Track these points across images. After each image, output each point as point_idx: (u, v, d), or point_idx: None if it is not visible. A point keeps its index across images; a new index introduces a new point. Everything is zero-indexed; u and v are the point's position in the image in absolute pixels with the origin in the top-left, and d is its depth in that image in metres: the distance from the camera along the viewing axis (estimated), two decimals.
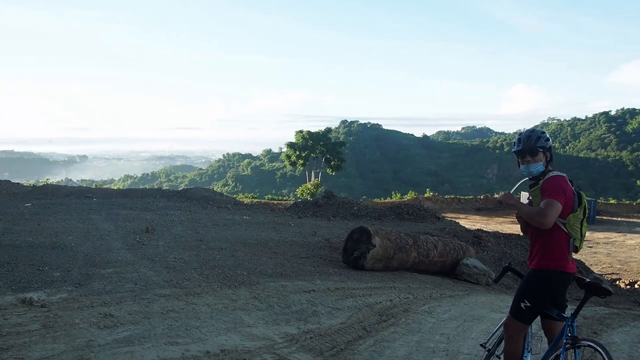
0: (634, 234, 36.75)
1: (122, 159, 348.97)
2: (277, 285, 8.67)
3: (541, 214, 4.08)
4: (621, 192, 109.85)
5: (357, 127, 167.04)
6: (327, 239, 14.54)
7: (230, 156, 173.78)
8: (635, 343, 7.92)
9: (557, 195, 4.15)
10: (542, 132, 4.48)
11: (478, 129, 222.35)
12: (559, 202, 4.13)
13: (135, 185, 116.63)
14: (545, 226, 4.12)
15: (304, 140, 65.08)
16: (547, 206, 4.10)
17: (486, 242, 18.03)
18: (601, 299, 4.20)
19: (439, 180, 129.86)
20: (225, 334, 6.10)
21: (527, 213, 4.23)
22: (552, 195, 4.14)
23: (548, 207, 4.09)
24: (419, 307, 8.86)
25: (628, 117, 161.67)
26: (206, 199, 22.52)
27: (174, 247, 11.13)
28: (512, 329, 4.41)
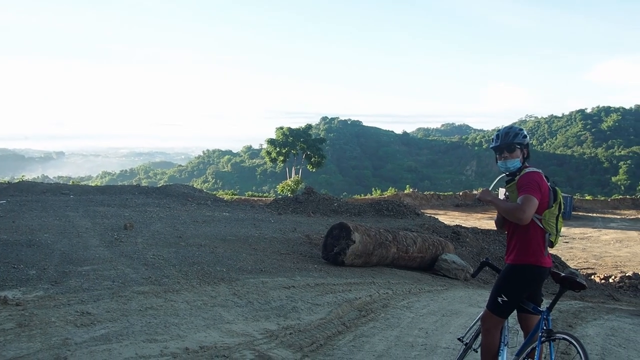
0: (609, 229, 37.21)
1: (99, 155, 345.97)
2: (257, 282, 8.65)
3: (519, 210, 4.11)
4: (597, 189, 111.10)
5: (338, 123, 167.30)
6: (307, 235, 14.53)
7: (210, 152, 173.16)
8: (609, 336, 8.02)
9: (534, 191, 4.18)
10: (519, 129, 4.53)
11: (457, 126, 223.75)
12: (536, 197, 4.16)
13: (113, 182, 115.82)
14: (523, 222, 4.15)
15: (285, 136, 64.87)
16: (524, 202, 4.13)
17: (465, 237, 18.14)
18: (576, 292, 4.24)
19: (419, 177, 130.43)
20: (204, 331, 6.07)
21: (505, 209, 4.26)
22: (528, 191, 4.17)
23: (525, 203, 4.13)
24: (398, 302, 8.89)
25: (603, 114, 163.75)
26: (185, 196, 22.40)
27: (152, 244, 11.05)
28: (489, 323, 4.44)
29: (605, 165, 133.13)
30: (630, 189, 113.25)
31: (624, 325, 9.08)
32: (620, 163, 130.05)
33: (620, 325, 9.04)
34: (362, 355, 5.93)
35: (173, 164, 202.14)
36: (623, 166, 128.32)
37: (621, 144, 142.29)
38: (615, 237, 32.97)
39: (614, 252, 27.75)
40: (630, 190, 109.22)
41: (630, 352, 7.15)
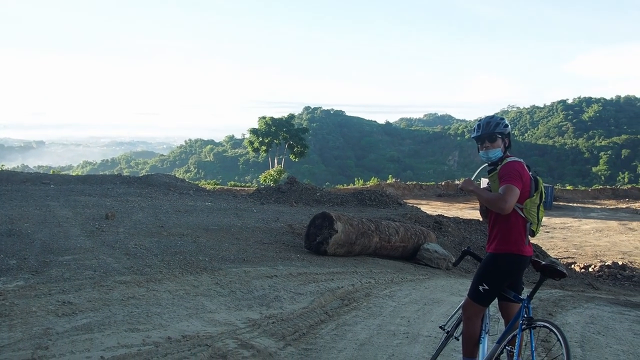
0: (589, 219, 37.56)
1: (80, 144, 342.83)
2: (240, 271, 8.65)
3: (501, 200, 4.13)
4: (577, 179, 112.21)
5: (321, 113, 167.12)
6: (290, 224, 14.53)
7: (192, 142, 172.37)
8: (588, 324, 8.12)
9: (515, 181, 4.20)
10: (501, 119, 4.55)
11: (440, 116, 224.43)
12: (517, 187, 4.19)
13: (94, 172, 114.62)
14: (505, 211, 4.17)
15: (267, 126, 64.73)
16: (506, 192, 4.15)
17: (447, 227, 18.24)
18: (556, 281, 4.28)
19: (402, 167, 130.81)
20: (186, 320, 6.06)
21: (487, 199, 4.28)
22: (510, 181, 4.20)
23: (507, 192, 4.15)
24: (381, 291, 8.93)
25: (584, 105, 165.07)
26: (167, 185, 22.31)
27: (134, 233, 11.01)
28: (470, 311, 4.48)
29: (586, 155, 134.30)
30: (611, 179, 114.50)
31: (603, 313, 9.20)
32: (601, 153, 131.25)
33: (599, 313, 9.16)
34: (344, 344, 5.96)
35: (155, 154, 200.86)
36: (603, 157, 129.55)
37: (602, 134, 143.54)
38: (595, 227, 33.30)
39: (594, 241, 28.04)
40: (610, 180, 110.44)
41: (609, 339, 7.24)
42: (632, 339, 7.42)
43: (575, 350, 6.42)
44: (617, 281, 18.37)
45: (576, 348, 6.55)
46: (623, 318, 8.91)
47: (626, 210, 44.43)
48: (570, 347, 3.85)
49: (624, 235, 30.71)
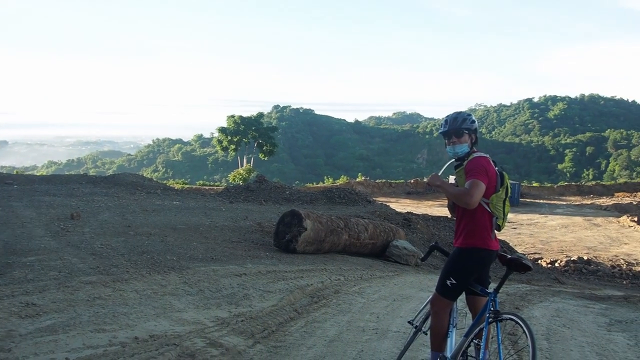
0: (555, 215, 38.14)
1: (45, 144, 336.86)
2: (208, 270, 8.58)
3: (467, 195, 4.16)
4: (543, 176, 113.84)
5: (290, 112, 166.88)
6: (259, 223, 14.49)
7: (160, 141, 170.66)
8: (554, 317, 8.24)
9: (480, 176, 4.24)
10: (468, 115, 4.58)
11: (408, 115, 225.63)
12: (483, 182, 4.22)
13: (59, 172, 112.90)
14: (471, 206, 4.20)
15: (236, 125, 64.49)
16: (472, 187, 4.18)
17: (415, 224, 18.36)
18: (522, 274, 4.33)
19: (371, 165, 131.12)
20: (154, 320, 5.99)
21: (453, 193, 4.30)
22: (475, 176, 4.23)
23: (473, 187, 4.18)
24: (350, 288, 8.94)
25: (550, 103, 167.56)
26: (135, 185, 22.08)
27: (100, 233, 10.86)
28: (438, 306, 4.50)
29: (552, 153, 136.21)
30: (576, 176, 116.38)
31: (568, 306, 9.34)
32: (566, 151, 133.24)
33: (564, 306, 9.30)
34: (313, 341, 5.95)
35: (122, 153, 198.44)
36: (569, 154, 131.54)
37: (567, 132, 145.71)
38: (561, 223, 33.81)
39: (559, 237, 28.48)
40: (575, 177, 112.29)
41: (574, 331, 7.35)
42: (596, 331, 7.55)
43: (542, 343, 6.51)
44: (583, 275, 18.67)
45: (542, 341, 6.64)
46: (588, 311, 9.06)
47: (591, 206, 45.21)
48: (536, 340, 3.89)
49: (589, 230, 31.24)
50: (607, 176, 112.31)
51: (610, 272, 19.64)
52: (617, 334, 7.40)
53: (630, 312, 9.22)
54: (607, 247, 25.75)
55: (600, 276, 18.77)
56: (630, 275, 19.23)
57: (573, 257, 21.57)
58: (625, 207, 43.38)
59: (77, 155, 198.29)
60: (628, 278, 18.70)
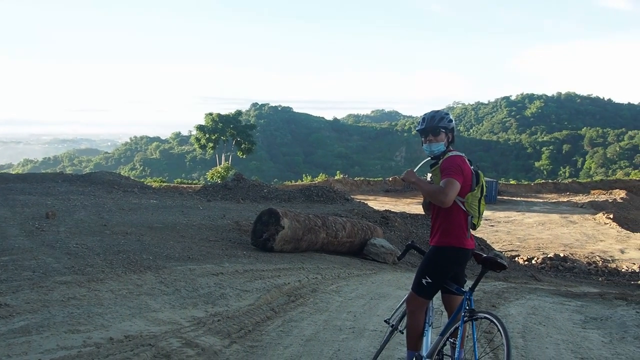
0: (532, 212, 38.46)
1: (21, 142, 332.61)
2: (185, 269, 8.53)
3: (442, 193, 4.17)
4: (521, 174, 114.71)
5: (268, 110, 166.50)
6: (237, 221, 14.44)
7: (137, 139, 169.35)
8: (530, 314, 8.30)
9: (456, 175, 4.25)
10: (445, 114, 4.59)
11: (387, 113, 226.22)
12: (458, 181, 4.24)
13: (36, 170, 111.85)
14: (446, 204, 4.22)
15: (214, 123, 64.15)
16: (447, 185, 4.19)
17: (393, 222, 18.40)
18: (497, 272, 4.35)
19: (349, 163, 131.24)
20: (129, 320, 5.94)
21: (428, 191, 4.31)
22: (450, 175, 4.24)
23: (448, 186, 4.19)
24: (327, 286, 8.94)
25: (527, 101, 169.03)
26: (112, 183, 21.91)
27: (76, 232, 10.75)
28: (414, 304, 4.51)
29: (529, 150, 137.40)
30: (552, 173, 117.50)
31: (545, 304, 9.41)
32: (543, 149, 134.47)
33: (540, 304, 9.37)
34: (290, 340, 5.94)
35: (99, 151, 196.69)
36: (545, 152, 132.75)
37: (544, 130, 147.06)
38: (538, 220, 34.11)
39: (536, 234, 28.73)
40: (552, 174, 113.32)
41: (550, 329, 7.41)
42: (572, 328, 7.61)
43: (517, 341, 6.55)
44: (559, 272, 18.88)
45: (518, 338, 6.69)
46: (563, 308, 9.13)
47: (567, 204, 45.65)
48: (510, 337, 3.92)
49: (566, 228, 31.55)
50: (583, 174, 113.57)
51: (586, 269, 19.89)
52: (592, 331, 7.47)
53: (605, 309, 9.31)
54: (583, 244, 26.03)
55: (577, 273, 19.00)
56: (605, 272, 19.49)
57: (550, 254, 21.80)
58: (601, 204, 43.84)
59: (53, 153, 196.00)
60: (604, 275, 18.95)
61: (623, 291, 13.24)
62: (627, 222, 35.00)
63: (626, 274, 19.24)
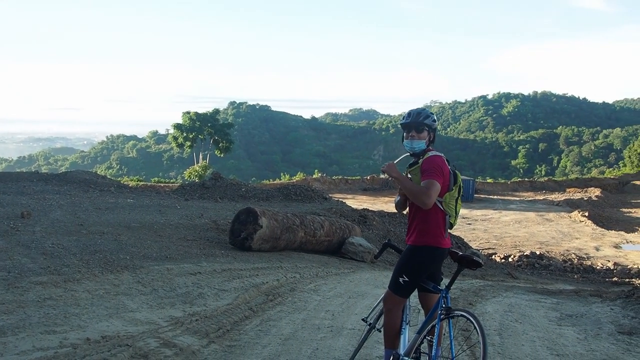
0: (509, 211, 38.81)
1: None
2: (162, 269, 8.49)
3: (425, 194, 4.20)
4: (497, 172, 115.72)
5: (246, 108, 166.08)
6: (214, 220, 14.38)
7: (114, 138, 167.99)
8: (506, 312, 8.38)
9: (437, 176, 4.29)
10: (431, 113, 4.66)
11: (365, 111, 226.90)
12: (439, 182, 4.28)
13: (10, 169, 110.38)
14: (427, 206, 4.25)
15: (191, 121, 63.88)
16: (429, 187, 4.23)
17: (371, 221, 18.45)
18: (473, 270, 4.39)
19: (327, 162, 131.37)
20: (106, 320, 5.91)
21: (411, 190, 4.33)
22: (432, 176, 4.28)
23: (431, 187, 4.23)
24: (306, 285, 8.96)
25: (503, 100, 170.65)
26: (88, 182, 21.69)
27: (52, 232, 10.63)
28: (391, 303, 4.54)
29: (506, 149, 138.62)
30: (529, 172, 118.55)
31: (521, 301, 9.51)
32: (520, 147, 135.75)
33: (517, 301, 9.47)
34: (268, 339, 5.95)
35: (75, 150, 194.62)
36: (522, 150, 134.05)
37: (520, 128, 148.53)
38: (515, 218, 34.42)
39: (513, 232, 28.99)
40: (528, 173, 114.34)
41: (526, 326, 7.50)
42: (547, 325, 7.71)
43: (494, 338, 6.62)
44: (535, 270, 19.07)
45: (495, 336, 6.75)
46: (539, 305, 9.24)
47: (543, 202, 46.13)
48: (486, 335, 3.96)
49: (542, 225, 31.88)
50: (559, 172, 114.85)
51: (562, 266, 20.11)
52: (567, 328, 7.57)
53: (581, 306, 9.43)
54: (559, 242, 26.32)
55: (552, 270, 19.20)
56: (581, 270, 19.72)
57: (526, 252, 22.00)
58: (576, 202, 44.36)
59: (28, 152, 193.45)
60: (579, 272, 19.18)
61: (598, 288, 13.43)
62: (602, 219, 35.46)
63: (601, 272, 19.49)
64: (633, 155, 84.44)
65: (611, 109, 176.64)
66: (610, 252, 24.07)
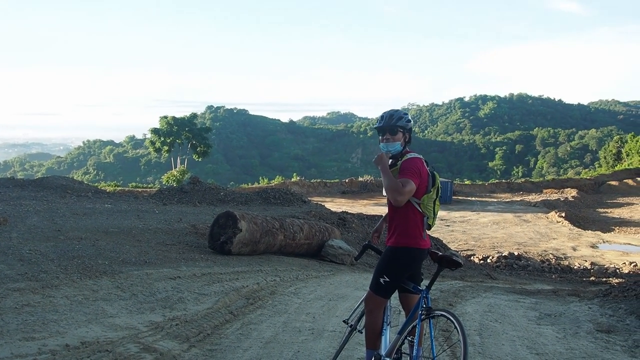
0: (487, 212, 39.08)
1: None
2: (141, 274, 8.43)
3: (398, 192, 4.22)
4: (475, 174, 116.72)
5: (224, 112, 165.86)
6: (193, 225, 14.32)
7: (91, 143, 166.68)
8: (486, 312, 8.44)
9: (413, 176, 4.32)
10: (404, 113, 4.64)
11: (343, 114, 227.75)
12: (414, 182, 4.30)
13: None
14: (399, 204, 4.29)
15: (169, 126, 63.57)
16: (404, 185, 4.25)
17: (351, 223, 18.49)
18: (452, 270, 4.42)
19: (306, 165, 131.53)
20: (85, 326, 5.85)
21: (388, 183, 4.32)
22: (407, 175, 4.31)
23: (406, 185, 4.25)
24: (286, 288, 8.95)
25: (480, 103, 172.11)
26: (65, 188, 21.47)
27: (29, 238, 10.51)
28: (372, 304, 4.55)
29: (483, 151, 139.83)
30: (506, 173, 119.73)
31: (500, 302, 9.59)
32: (497, 149, 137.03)
33: (496, 302, 9.54)
34: (249, 343, 5.93)
35: (51, 156, 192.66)
36: (499, 152, 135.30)
37: (497, 130, 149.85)
38: (492, 220, 34.66)
39: (491, 233, 29.18)
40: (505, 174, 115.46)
41: (505, 326, 7.56)
42: (527, 324, 7.78)
43: (474, 338, 6.66)
44: (514, 271, 19.21)
45: (475, 336, 6.80)
46: (518, 305, 9.32)
47: (520, 203, 46.54)
48: (467, 335, 3.99)
49: (519, 226, 32.13)
50: (535, 173, 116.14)
51: (540, 266, 20.28)
52: (546, 327, 7.64)
53: (559, 305, 9.53)
54: (536, 243, 26.54)
55: (531, 271, 19.36)
56: (558, 270, 19.90)
57: (504, 252, 22.15)
58: (553, 203, 44.82)
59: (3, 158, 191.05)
60: (557, 272, 19.35)
61: (575, 288, 13.57)
62: (578, 220, 35.87)
63: (578, 271, 19.67)
64: (608, 156, 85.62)
65: (586, 110, 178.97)
66: (587, 252, 24.33)
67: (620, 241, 28.14)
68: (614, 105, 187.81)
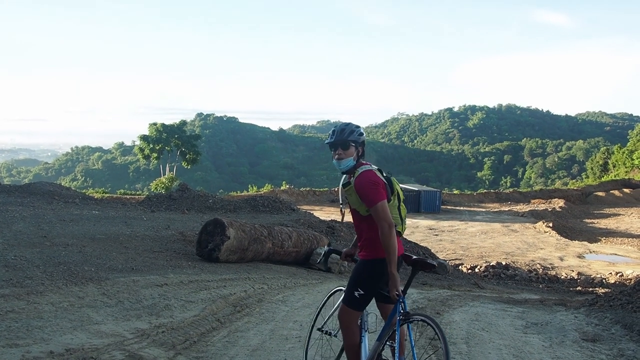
0: (475, 222, 39.20)
1: None
2: (128, 281, 8.37)
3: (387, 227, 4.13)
4: (464, 183, 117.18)
5: (213, 120, 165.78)
6: (181, 232, 14.27)
7: (79, 149, 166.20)
8: (473, 321, 8.45)
9: (377, 195, 4.21)
10: (356, 127, 4.48)
11: (332, 123, 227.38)
12: (381, 196, 4.21)
13: None
14: (392, 225, 4.16)
15: (158, 133, 63.52)
16: (381, 212, 4.16)
17: (339, 231, 18.52)
18: (426, 272, 4.39)
19: (295, 173, 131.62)
20: (70, 333, 5.80)
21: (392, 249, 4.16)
22: (373, 199, 4.20)
23: (383, 212, 4.16)
24: (273, 296, 8.92)
25: (469, 113, 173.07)
26: (52, 194, 21.36)
27: (14, 244, 10.43)
28: (347, 319, 4.45)
29: (472, 161, 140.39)
30: (494, 183, 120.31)
31: (487, 310, 9.60)
32: (485, 159, 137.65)
33: (483, 310, 9.55)
34: (236, 350, 5.91)
35: (39, 162, 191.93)
36: (487, 162, 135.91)
37: (485, 141, 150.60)
38: (481, 229, 34.77)
39: (479, 243, 29.27)
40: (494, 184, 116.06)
41: (492, 335, 7.56)
42: (513, 333, 7.79)
43: (461, 347, 6.66)
44: (501, 280, 19.27)
45: (462, 344, 6.79)
46: (505, 314, 9.33)
47: (508, 213, 46.73)
48: (447, 338, 3.96)
49: (507, 236, 32.25)
50: (523, 183, 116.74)
51: (527, 276, 20.36)
52: (533, 336, 7.65)
53: (546, 314, 9.55)
54: (524, 252, 26.65)
55: (518, 280, 19.44)
56: (545, 279, 19.99)
57: (492, 262, 22.22)
58: (540, 213, 45.04)
59: None
60: (544, 282, 19.45)
61: (562, 297, 13.64)
62: (565, 230, 36.05)
63: (565, 281, 19.77)
64: (595, 167, 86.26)
65: (574, 121, 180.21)
66: (574, 262, 24.45)
67: (607, 251, 28.31)
68: (601, 117, 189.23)
